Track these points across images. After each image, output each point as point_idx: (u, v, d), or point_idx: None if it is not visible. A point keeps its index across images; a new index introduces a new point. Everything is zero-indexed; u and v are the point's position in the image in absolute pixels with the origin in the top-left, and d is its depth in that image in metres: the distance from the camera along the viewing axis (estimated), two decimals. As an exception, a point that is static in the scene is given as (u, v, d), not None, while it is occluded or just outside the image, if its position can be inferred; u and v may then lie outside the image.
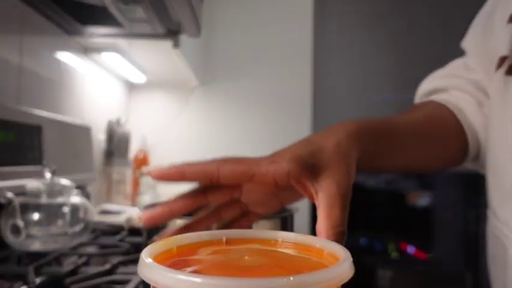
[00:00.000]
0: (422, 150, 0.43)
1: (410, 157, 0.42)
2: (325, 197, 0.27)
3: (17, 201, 0.66)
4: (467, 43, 0.53)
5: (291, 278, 0.18)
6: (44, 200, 0.69)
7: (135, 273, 0.54)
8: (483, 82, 0.49)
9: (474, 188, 1.67)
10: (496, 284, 0.44)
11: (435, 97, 0.50)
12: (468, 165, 0.53)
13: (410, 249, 1.77)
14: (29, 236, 0.66)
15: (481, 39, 0.50)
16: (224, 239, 0.26)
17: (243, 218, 0.34)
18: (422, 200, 1.90)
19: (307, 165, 0.29)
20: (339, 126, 0.34)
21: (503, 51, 0.43)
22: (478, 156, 0.50)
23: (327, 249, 0.23)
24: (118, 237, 0.79)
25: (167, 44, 1.11)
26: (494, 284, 0.45)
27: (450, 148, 0.47)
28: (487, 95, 0.48)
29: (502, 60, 0.43)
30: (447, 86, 0.50)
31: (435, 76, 0.54)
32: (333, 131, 0.33)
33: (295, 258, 0.24)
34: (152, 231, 0.41)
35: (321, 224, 0.26)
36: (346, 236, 0.26)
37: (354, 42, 2.10)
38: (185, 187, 0.32)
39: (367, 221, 1.93)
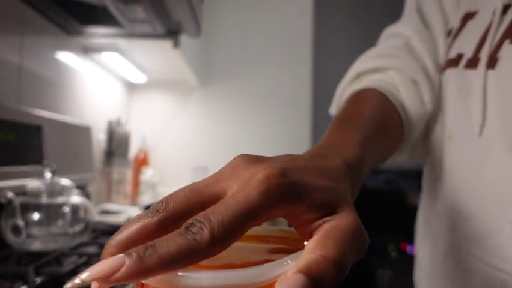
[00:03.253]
0: (382, 149, 0.43)
1: (377, 160, 0.41)
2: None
3: (18, 201, 0.66)
4: (405, 28, 0.52)
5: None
6: (44, 200, 0.69)
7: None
8: (427, 66, 0.49)
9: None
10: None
11: (371, 80, 0.49)
12: (404, 158, 0.53)
13: (410, 249, 1.76)
14: (29, 236, 0.66)
15: (420, 26, 0.51)
16: None
17: None
18: (422, 200, 1.90)
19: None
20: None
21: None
22: (416, 144, 0.51)
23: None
24: (118, 237, 0.79)
25: (167, 44, 1.12)
26: None
27: (395, 138, 0.46)
28: (429, 76, 0.49)
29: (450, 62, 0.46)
30: (386, 66, 0.49)
31: (372, 55, 0.52)
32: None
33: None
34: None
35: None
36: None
37: (354, 42, 2.10)
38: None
39: (367, 221, 1.93)
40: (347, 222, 0.21)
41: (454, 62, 0.45)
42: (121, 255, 0.17)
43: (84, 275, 0.17)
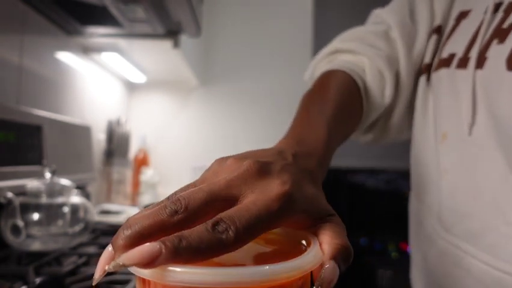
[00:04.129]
0: (345, 130, 0.46)
1: (340, 141, 0.45)
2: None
3: (17, 201, 0.66)
4: (390, 16, 0.53)
5: (266, 267, 0.19)
6: (44, 200, 0.69)
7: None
8: (400, 61, 0.51)
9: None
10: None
11: (344, 61, 0.51)
12: (359, 137, 0.57)
13: (410, 249, 1.77)
14: (29, 236, 0.66)
15: (404, 18, 0.52)
16: None
17: None
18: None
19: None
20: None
21: (427, 60, 0.50)
22: (369, 130, 0.55)
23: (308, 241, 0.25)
24: (118, 237, 0.79)
25: (167, 44, 1.12)
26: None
27: (356, 118, 0.49)
28: (396, 73, 0.51)
29: (427, 67, 0.49)
30: (360, 51, 0.52)
31: (353, 36, 0.54)
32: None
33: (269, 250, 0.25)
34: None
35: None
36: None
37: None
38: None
39: (367, 221, 1.93)
40: (339, 221, 0.26)
41: (446, 62, 0.45)
42: (155, 243, 0.19)
43: (122, 259, 0.19)
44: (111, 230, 0.85)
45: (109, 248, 0.22)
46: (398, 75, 0.51)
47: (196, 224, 0.21)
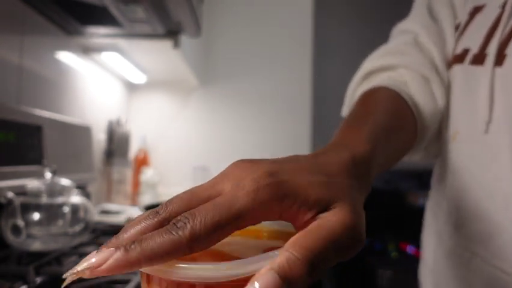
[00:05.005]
0: (394, 148, 0.41)
1: (388, 160, 0.40)
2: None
3: (18, 201, 0.66)
4: (413, 24, 0.51)
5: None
6: (44, 200, 0.69)
7: (135, 272, 0.54)
8: (435, 61, 0.48)
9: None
10: None
11: (382, 79, 0.47)
12: (418, 157, 0.52)
13: (410, 249, 1.76)
14: (29, 236, 0.66)
15: (428, 21, 0.50)
16: None
17: None
18: (422, 200, 1.90)
19: None
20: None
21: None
22: (430, 143, 0.50)
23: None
24: (118, 237, 0.79)
25: (167, 44, 1.12)
26: None
27: (407, 137, 0.45)
28: (438, 72, 0.48)
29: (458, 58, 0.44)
30: (395, 64, 0.48)
31: (380, 54, 0.51)
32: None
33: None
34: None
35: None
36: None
37: (354, 42, 2.10)
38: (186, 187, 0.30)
39: (367, 221, 1.93)
40: (337, 219, 0.20)
41: (460, 58, 0.43)
42: (112, 249, 0.19)
43: (79, 267, 0.19)
44: (111, 230, 0.85)
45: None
46: (440, 76, 0.48)
47: None
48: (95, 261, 0.19)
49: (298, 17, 1.81)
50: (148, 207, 0.53)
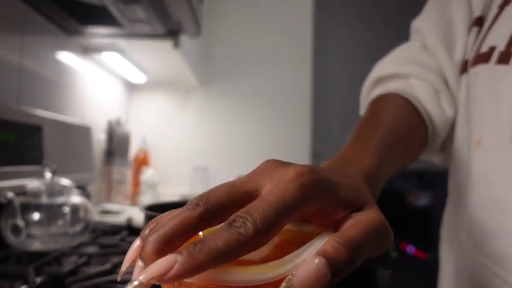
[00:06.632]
0: (401, 157, 0.41)
1: (394, 168, 0.40)
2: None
3: (18, 201, 0.66)
4: (424, 24, 0.50)
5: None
6: (44, 200, 0.69)
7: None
8: (443, 68, 0.47)
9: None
10: None
11: (394, 85, 0.48)
12: (432, 158, 0.53)
13: (410, 249, 1.77)
14: (29, 236, 0.66)
15: (439, 21, 0.49)
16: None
17: None
18: (422, 200, 1.90)
19: None
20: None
21: (466, 56, 0.45)
22: (443, 148, 0.50)
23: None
24: (118, 237, 0.79)
25: (167, 44, 1.12)
26: None
27: (417, 144, 0.46)
28: (446, 82, 0.47)
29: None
30: (407, 73, 0.48)
31: (392, 59, 0.51)
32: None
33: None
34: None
35: None
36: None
37: (354, 42, 2.10)
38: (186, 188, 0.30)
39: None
40: (372, 218, 0.22)
41: (485, 57, 0.39)
42: (172, 254, 0.18)
43: (142, 277, 0.18)
44: (111, 230, 0.85)
45: (137, 242, 0.22)
46: (447, 82, 0.47)
47: (218, 220, 0.20)
48: (160, 270, 0.18)
49: (298, 17, 1.81)
50: (148, 207, 0.53)
